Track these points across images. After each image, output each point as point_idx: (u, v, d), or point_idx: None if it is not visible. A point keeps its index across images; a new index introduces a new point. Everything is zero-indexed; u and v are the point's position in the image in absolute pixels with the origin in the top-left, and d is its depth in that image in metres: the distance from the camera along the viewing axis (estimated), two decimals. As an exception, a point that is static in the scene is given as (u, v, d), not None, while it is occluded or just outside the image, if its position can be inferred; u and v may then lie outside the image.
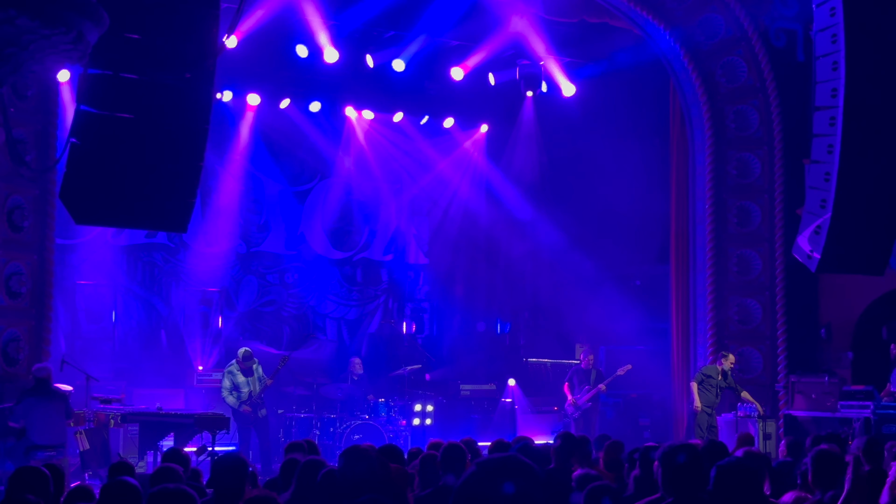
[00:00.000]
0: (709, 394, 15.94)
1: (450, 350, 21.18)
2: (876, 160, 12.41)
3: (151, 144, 10.32)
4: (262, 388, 15.72)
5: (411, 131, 21.04)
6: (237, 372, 15.66)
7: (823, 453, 7.32)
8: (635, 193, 19.19)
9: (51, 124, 14.47)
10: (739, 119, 17.27)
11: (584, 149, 19.86)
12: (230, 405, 15.61)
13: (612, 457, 9.02)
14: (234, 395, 15.64)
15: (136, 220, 11.92)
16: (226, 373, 15.78)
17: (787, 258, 15.90)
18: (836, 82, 12.26)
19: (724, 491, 4.40)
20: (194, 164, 10.56)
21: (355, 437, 16.04)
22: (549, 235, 21.04)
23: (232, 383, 15.63)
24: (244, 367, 15.63)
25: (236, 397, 15.62)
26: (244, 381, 15.65)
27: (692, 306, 17.69)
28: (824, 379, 15.96)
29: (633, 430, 17.90)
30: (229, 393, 15.64)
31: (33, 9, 6.10)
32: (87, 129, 10.09)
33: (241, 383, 15.63)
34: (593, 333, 20.04)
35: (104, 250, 18.38)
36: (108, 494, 5.32)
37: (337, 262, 20.91)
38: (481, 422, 18.46)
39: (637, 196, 19.22)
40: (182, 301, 18.93)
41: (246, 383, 15.64)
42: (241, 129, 19.52)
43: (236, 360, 15.74)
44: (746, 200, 17.23)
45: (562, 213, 20.60)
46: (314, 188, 20.72)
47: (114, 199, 10.53)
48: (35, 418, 12.44)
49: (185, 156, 10.49)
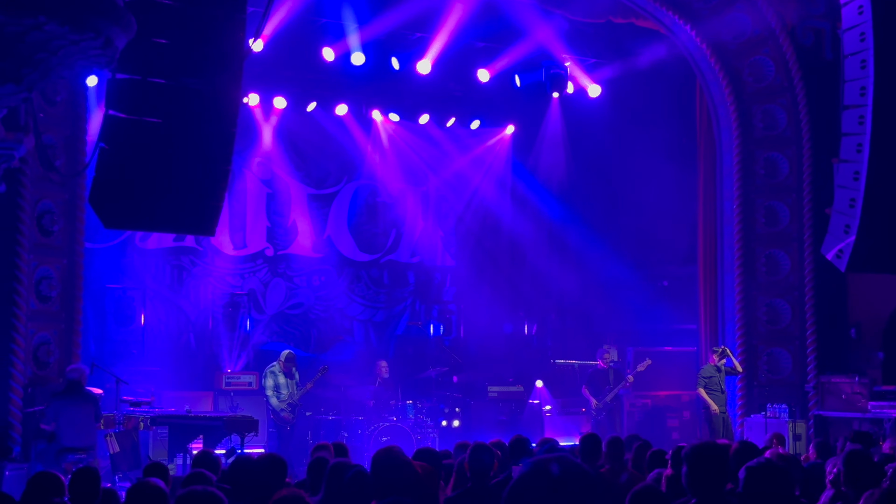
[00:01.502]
0: (716, 393, 15.91)
1: (477, 352, 21.17)
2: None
3: (179, 148, 10.35)
4: (301, 392, 15.87)
5: (437, 133, 21.05)
6: (279, 373, 15.87)
7: (855, 454, 7.29)
8: (662, 194, 19.12)
9: (80, 129, 14.57)
10: (767, 118, 17.19)
11: (610, 150, 19.83)
12: (273, 406, 15.70)
13: (640, 458, 8.99)
14: (277, 396, 15.77)
15: (163, 224, 11.97)
16: (268, 373, 15.95)
17: (816, 258, 15.82)
18: (865, 80, 12.17)
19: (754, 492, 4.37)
20: (222, 168, 10.60)
21: (383, 440, 16.08)
22: (576, 237, 21.01)
23: (275, 383, 15.79)
24: (286, 368, 15.81)
25: (278, 399, 15.72)
26: (285, 382, 15.89)
27: (720, 307, 17.61)
28: (854, 379, 15.86)
29: (662, 431, 17.82)
30: (274, 394, 15.74)
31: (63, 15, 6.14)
32: (116, 133, 10.14)
33: (282, 384, 15.84)
34: (621, 334, 19.99)
35: (133, 254, 18.50)
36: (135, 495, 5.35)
37: (364, 265, 20.94)
38: (509, 423, 18.41)
39: (664, 196, 19.15)
40: (210, 304, 19.00)
41: (286, 385, 15.84)
42: (268, 133, 19.60)
43: (279, 362, 15.92)
44: (775, 200, 17.14)
45: (588, 214, 20.56)
46: (341, 191, 20.76)
47: (142, 203, 10.58)
48: (66, 421, 12.51)
49: (213, 160, 10.52)
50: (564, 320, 21.52)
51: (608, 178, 20.06)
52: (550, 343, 21.55)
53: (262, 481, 5.72)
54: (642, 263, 20.01)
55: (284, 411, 15.65)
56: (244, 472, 6.07)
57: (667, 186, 19.01)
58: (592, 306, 20.72)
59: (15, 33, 6.18)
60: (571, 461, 2.60)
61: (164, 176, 10.45)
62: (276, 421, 16.10)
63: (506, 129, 21.56)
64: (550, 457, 2.62)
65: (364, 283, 20.94)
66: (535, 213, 21.65)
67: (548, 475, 2.55)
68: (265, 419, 16.38)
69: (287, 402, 15.83)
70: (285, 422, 15.87)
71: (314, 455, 8.23)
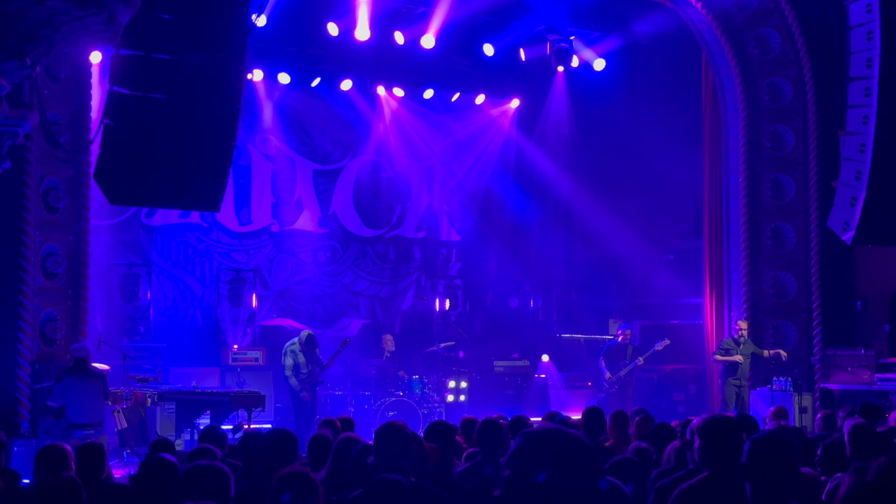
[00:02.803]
0: (731, 366, 15.93)
1: (483, 326, 21.21)
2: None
3: (184, 124, 10.35)
4: (320, 370, 15.82)
5: (442, 108, 21.01)
6: (299, 352, 15.77)
7: (859, 428, 7.30)
8: (668, 168, 19.07)
9: (84, 106, 14.55)
10: (773, 91, 17.12)
11: (615, 123, 19.77)
12: (292, 386, 15.69)
13: (642, 431, 9.02)
14: (296, 376, 15.70)
15: (168, 200, 11.99)
16: (288, 352, 15.81)
17: (822, 231, 15.78)
18: (871, 52, 12.10)
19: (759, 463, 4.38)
20: (226, 144, 10.59)
21: (390, 414, 16.13)
22: (581, 211, 20.99)
23: (294, 363, 15.71)
24: (306, 348, 15.74)
25: (298, 379, 15.73)
26: (304, 361, 15.79)
27: (726, 280, 17.60)
28: (860, 352, 15.86)
29: (668, 404, 17.86)
30: (293, 374, 15.67)
31: (65, -10, 6.13)
32: (120, 110, 10.14)
33: (301, 363, 15.77)
34: (627, 309, 20.01)
35: (138, 231, 18.53)
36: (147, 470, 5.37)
37: (369, 240, 20.95)
38: (515, 398, 18.48)
39: (669, 170, 19.09)
40: (216, 280, 19.04)
41: (305, 364, 15.78)
42: (272, 109, 19.58)
43: (298, 341, 15.80)
44: (780, 173, 17.10)
45: (593, 188, 20.52)
46: (346, 166, 20.75)
47: (147, 180, 10.58)
48: (74, 397, 12.58)
49: (218, 136, 10.52)
50: (570, 295, 21.53)
51: (613, 152, 20.01)
52: (556, 317, 21.58)
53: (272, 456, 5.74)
54: (648, 237, 19.99)
55: (303, 392, 15.64)
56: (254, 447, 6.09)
57: (672, 160, 18.95)
58: (598, 281, 20.72)
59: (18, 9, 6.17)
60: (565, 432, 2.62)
61: (169, 152, 10.45)
62: (293, 398, 16.10)
63: (510, 103, 21.50)
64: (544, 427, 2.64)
65: (370, 258, 20.96)
66: (540, 188, 21.63)
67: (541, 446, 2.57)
68: (272, 395, 16.43)
69: (307, 381, 15.78)
70: (304, 401, 15.89)
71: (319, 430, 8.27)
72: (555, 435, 2.61)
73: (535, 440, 2.59)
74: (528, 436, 2.62)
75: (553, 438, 2.60)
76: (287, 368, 15.75)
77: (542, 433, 2.61)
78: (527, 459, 2.57)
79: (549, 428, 2.64)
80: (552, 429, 2.63)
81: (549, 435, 2.61)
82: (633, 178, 19.69)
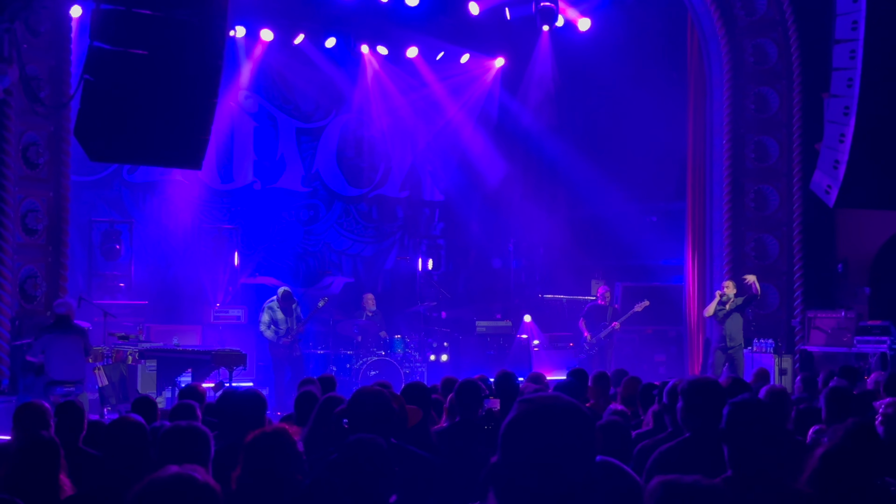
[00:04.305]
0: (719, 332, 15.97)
1: (465, 287, 21.22)
2: None
3: (165, 81, 10.25)
4: (300, 326, 16.01)
5: (426, 67, 20.88)
6: (277, 308, 16.06)
7: (836, 391, 7.36)
8: (652, 129, 19.04)
9: (64, 61, 14.42)
10: (758, 52, 17.08)
11: (600, 84, 19.69)
12: (268, 338, 16.08)
13: (628, 392, 9.05)
14: (272, 329, 15.93)
15: (149, 157, 11.91)
16: (266, 308, 16.18)
17: (805, 193, 15.82)
18: (857, 14, 12.08)
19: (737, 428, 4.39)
20: (208, 101, 10.50)
21: (372, 374, 16.14)
22: (565, 171, 20.95)
23: (271, 319, 16.04)
24: (283, 305, 15.95)
25: (274, 332, 15.87)
26: (283, 318, 16.05)
27: (708, 242, 17.64)
28: (841, 314, 15.94)
29: (649, 366, 17.93)
30: (267, 327, 16.03)
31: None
32: (101, 65, 10.03)
33: (280, 320, 16.02)
34: (609, 270, 20.04)
35: (120, 187, 18.43)
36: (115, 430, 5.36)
37: (352, 199, 20.89)
38: (497, 358, 18.50)
39: (654, 132, 19.07)
40: (198, 238, 18.95)
41: (284, 321, 16.02)
42: (255, 66, 19.43)
43: (276, 298, 16.04)
44: (764, 135, 17.09)
45: (578, 148, 20.47)
46: (329, 125, 20.64)
47: (128, 136, 10.50)
48: (54, 354, 12.53)
49: (199, 92, 10.43)
50: (553, 255, 21.52)
51: (597, 113, 19.95)
52: (539, 278, 21.58)
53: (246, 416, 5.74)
54: (631, 199, 19.98)
55: (283, 338, 15.86)
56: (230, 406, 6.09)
57: (657, 121, 18.92)
58: (581, 241, 20.73)
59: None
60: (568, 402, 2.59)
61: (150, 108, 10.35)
62: (273, 355, 16.21)
63: (495, 62, 21.37)
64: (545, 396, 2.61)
65: (353, 217, 20.91)
66: (524, 148, 21.57)
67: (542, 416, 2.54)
68: (253, 353, 16.43)
69: (286, 336, 15.97)
70: (282, 355, 16.02)
71: (301, 389, 8.27)
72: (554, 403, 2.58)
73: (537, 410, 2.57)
74: (528, 404, 2.59)
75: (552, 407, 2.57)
76: (262, 324, 16.04)
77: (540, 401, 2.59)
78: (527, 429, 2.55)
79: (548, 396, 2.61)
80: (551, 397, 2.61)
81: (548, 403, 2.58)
82: (618, 139, 19.66)
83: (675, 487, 2.68)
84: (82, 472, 5.74)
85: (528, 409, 2.57)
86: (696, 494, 2.66)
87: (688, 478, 2.86)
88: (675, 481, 2.68)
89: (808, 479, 4.53)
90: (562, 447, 2.50)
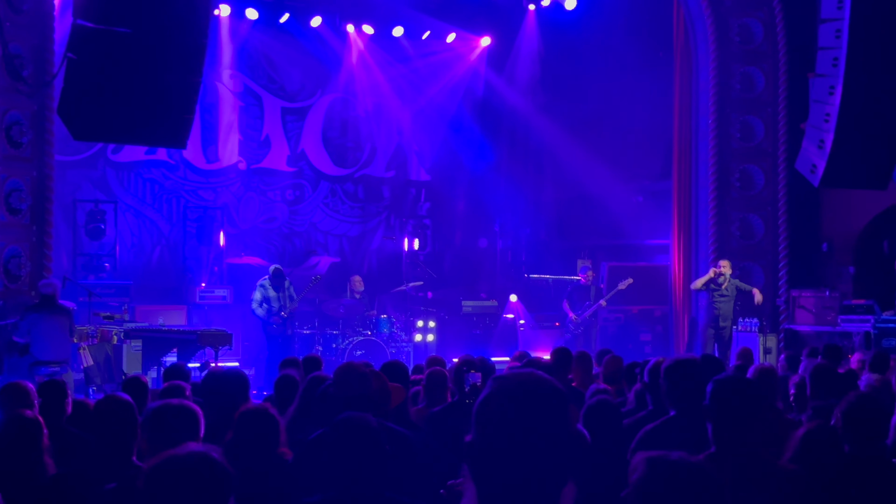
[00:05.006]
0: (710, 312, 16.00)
1: (451, 267, 21.21)
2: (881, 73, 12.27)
3: (149, 59, 10.22)
4: (292, 304, 15.99)
5: (412, 46, 20.81)
6: (269, 286, 16.05)
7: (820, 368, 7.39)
8: (638, 109, 19.03)
9: (48, 39, 14.31)
10: (744, 32, 17.07)
11: (586, 63, 19.64)
12: (260, 317, 16.03)
13: (611, 371, 9.07)
14: (264, 307, 15.95)
15: (134, 136, 11.87)
16: (258, 286, 16.20)
17: (790, 173, 15.84)
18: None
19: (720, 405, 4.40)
20: (192, 80, 10.47)
21: (358, 353, 16.15)
22: (551, 151, 20.94)
23: (263, 297, 16.03)
24: (275, 282, 15.96)
25: (266, 310, 15.91)
26: (275, 295, 16.05)
27: (694, 222, 17.66)
28: (825, 293, 16.01)
29: (635, 345, 17.95)
30: (259, 305, 16.03)
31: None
32: (84, 43, 9.99)
33: (272, 297, 16.04)
34: (595, 249, 20.05)
35: (105, 167, 18.35)
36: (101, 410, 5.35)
37: (338, 179, 20.84)
38: (483, 338, 18.53)
39: (640, 111, 19.06)
40: (183, 218, 18.90)
41: (276, 298, 16.01)
42: (240, 45, 19.33)
43: (268, 276, 16.03)
44: (750, 115, 17.10)
45: (564, 128, 20.45)
46: (315, 104, 20.56)
47: (112, 115, 10.46)
48: (39, 334, 12.48)
49: (183, 71, 10.40)
50: (539, 235, 21.54)
51: (584, 92, 19.91)
52: (525, 258, 21.59)
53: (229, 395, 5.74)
54: (617, 179, 19.98)
55: (274, 316, 15.88)
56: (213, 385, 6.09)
57: (643, 101, 18.91)
58: (567, 221, 20.73)
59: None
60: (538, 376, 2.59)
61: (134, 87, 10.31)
62: (267, 335, 16.22)
63: (481, 42, 21.31)
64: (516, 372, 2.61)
65: (339, 197, 20.87)
66: (510, 127, 21.54)
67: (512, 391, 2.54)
68: (239, 333, 16.41)
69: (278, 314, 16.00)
70: (276, 334, 16.04)
71: (281, 371, 8.26)
72: (527, 379, 2.58)
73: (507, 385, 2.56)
74: (499, 380, 2.59)
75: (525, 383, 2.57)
76: (254, 302, 16.02)
77: (513, 378, 2.58)
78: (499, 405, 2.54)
79: (521, 372, 2.61)
80: (525, 373, 2.60)
81: (521, 379, 2.58)
82: (604, 119, 19.64)
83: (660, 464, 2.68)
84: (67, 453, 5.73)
85: (500, 385, 2.57)
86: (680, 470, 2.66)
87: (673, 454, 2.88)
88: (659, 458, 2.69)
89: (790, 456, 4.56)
90: (534, 422, 2.50)
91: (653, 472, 2.66)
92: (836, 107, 12.10)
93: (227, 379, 6.13)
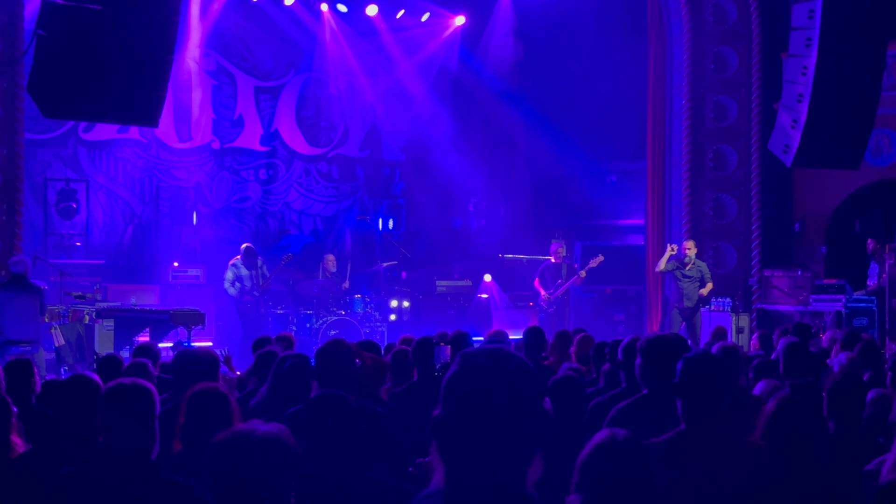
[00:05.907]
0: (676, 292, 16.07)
1: (426, 246, 21.19)
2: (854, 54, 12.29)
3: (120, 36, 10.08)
4: (264, 283, 15.98)
5: (386, 25, 20.72)
6: (240, 265, 16.14)
7: (793, 346, 7.43)
8: (612, 89, 19.04)
9: (17, 15, 14.18)
10: (718, 12, 17.10)
11: (560, 43, 19.63)
12: (232, 296, 16.17)
13: (583, 350, 9.09)
14: (236, 286, 15.98)
15: (105, 114, 11.73)
16: (230, 266, 16.28)
17: (763, 153, 15.89)
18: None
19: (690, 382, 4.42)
20: (164, 58, 10.35)
21: (332, 333, 16.14)
22: (525, 131, 20.92)
23: (235, 276, 16.08)
24: (246, 261, 15.98)
25: (238, 289, 15.95)
26: (247, 274, 16.15)
27: (668, 202, 17.72)
28: (797, 273, 16.10)
29: (608, 325, 18.02)
30: (231, 285, 16.13)
31: None
32: (54, 20, 9.86)
33: (244, 276, 16.13)
34: (569, 229, 20.07)
35: (76, 145, 18.21)
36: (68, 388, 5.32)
37: (312, 158, 20.77)
38: (457, 317, 18.53)
39: (614, 92, 19.07)
40: (155, 197, 18.80)
41: (249, 277, 16.09)
42: (213, 23, 19.17)
43: (239, 255, 16.03)
44: (723, 95, 17.15)
45: (538, 108, 20.44)
46: (288, 83, 20.46)
47: (83, 92, 10.33)
48: (9, 313, 12.38)
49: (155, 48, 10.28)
50: (513, 215, 21.55)
51: (557, 72, 19.89)
52: (499, 238, 21.60)
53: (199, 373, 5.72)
54: (591, 159, 20.01)
55: (247, 295, 15.90)
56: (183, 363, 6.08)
57: (617, 81, 18.93)
58: (541, 201, 20.74)
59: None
60: (506, 351, 2.58)
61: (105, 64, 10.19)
62: (240, 314, 16.25)
63: (455, 21, 21.24)
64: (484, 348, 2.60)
65: (312, 176, 20.80)
66: (484, 107, 21.51)
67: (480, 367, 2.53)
68: (212, 312, 16.37)
69: (251, 293, 16.03)
70: (249, 313, 16.05)
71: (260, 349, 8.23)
72: (495, 355, 2.57)
73: (475, 362, 2.55)
74: (466, 356, 2.58)
75: (493, 358, 2.56)
76: (225, 281, 16.07)
77: (481, 353, 2.57)
78: (465, 381, 2.53)
79: (489, 348, 2.59)
80: (492, 349, 2.59)
81: (489, 354, 2.57)
82: (578, 99, 19.64)
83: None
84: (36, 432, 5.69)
85: (467, 360, 2.56)
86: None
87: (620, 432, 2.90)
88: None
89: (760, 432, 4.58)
90: (502, 398, 2.49)
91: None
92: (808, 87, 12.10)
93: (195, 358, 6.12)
